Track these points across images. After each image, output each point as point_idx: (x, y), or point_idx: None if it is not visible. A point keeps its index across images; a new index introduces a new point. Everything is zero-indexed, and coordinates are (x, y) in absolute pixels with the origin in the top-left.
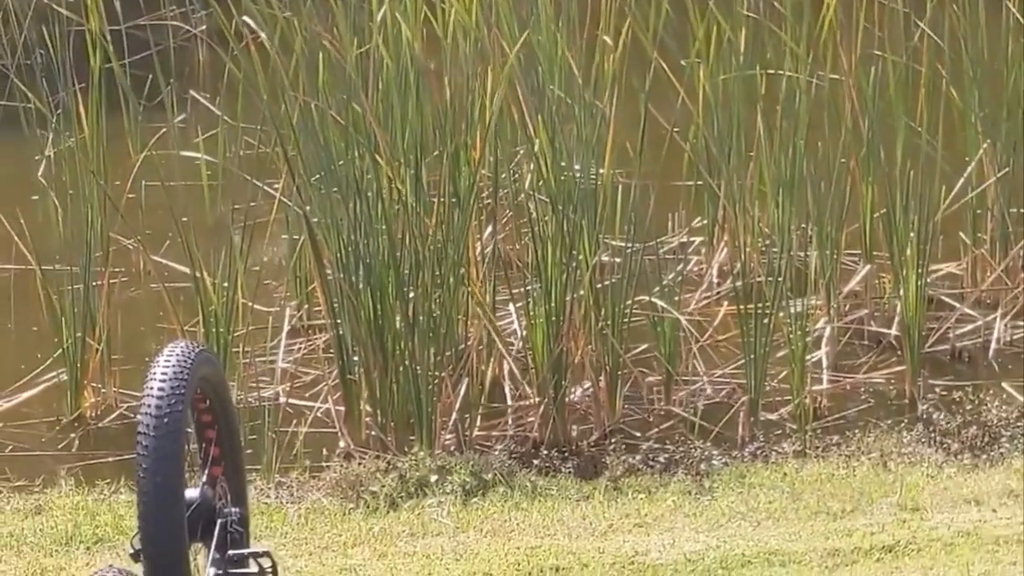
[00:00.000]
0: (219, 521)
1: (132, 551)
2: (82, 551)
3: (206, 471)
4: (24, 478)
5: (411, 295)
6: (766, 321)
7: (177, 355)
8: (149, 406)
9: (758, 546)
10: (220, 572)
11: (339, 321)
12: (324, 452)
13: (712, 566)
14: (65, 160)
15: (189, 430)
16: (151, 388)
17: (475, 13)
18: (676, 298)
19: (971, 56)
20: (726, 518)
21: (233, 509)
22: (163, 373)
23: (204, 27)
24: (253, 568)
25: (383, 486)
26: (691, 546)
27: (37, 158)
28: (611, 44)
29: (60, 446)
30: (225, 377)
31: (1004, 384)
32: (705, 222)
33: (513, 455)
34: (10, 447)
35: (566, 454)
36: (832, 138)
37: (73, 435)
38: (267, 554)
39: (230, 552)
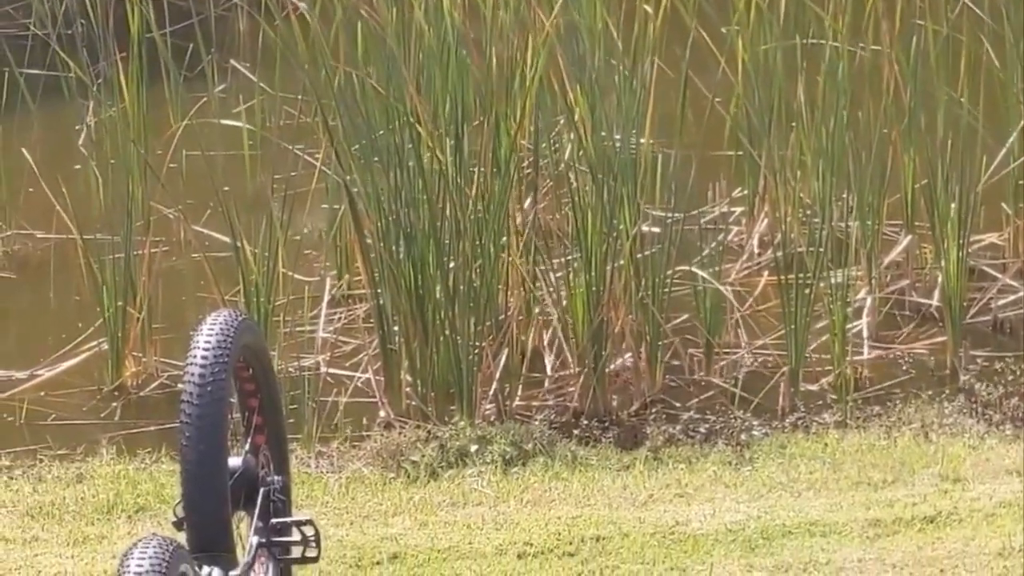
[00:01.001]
0: (262, 490)
1: (175, 519)
2: (123, 520)
3: (249, 440)
4: (65, 447)
5: (451, 265)
6: (807, 291)
7: (220, 324)
8: (192, 374)
9: (799, 516)
10: (263, 540)
11: (379, 291)
12: (364, 422)
13: (753, 536)
14: (106, 129)
15: (232, 399)
16: (194, 356)
17: None
18: (717, 268)
19: (1012, 26)
20: (766, 488)
21: (276, 478)
22: (206, 341)
23: None
24: (296, 537)
25: (423, 456)
26: (731, 516)
27: (78, 127)
28: (651, 13)
29: (101, 415)
30: (267, 346)
31: None
32: (746, 192)
33: (553, 425)
34: (52, 416)
35: (606, 424)
36: (873, 109)
37: (114, 404)
38: (310, 522)
39: (273, 520)
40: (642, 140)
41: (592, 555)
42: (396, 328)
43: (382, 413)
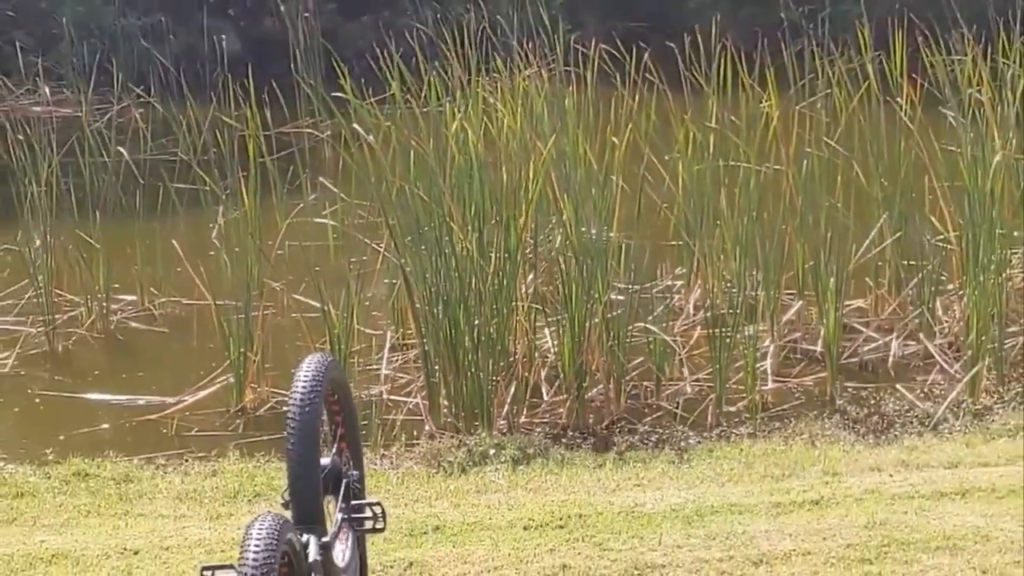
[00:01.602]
0: (344, 480)
1: (283, 502)
2: (245, 503)
3: (335, 444)
4: (203, 451)
5: (476, 322)
6: (728, 341)
7: (314, 363)
8: (295, 399)
9: (723, 500)
10: (345, 517)
11: (425, 340)
12: (414, 433)
13: (690, 514)
14: (231, 227)
15: (323, 416)
16: (296, 386)
17: (520, 121)
18: (664, 324)
19: (873, 152)
20: (699, 480)
21: (353, 472)
22: (304, 375)
23: (329, 132)
24: (368, 514)
25: (456, 457)
26: (675, 499)
27: (212, 225)
28: (617, 143)
29: (229, 429)
30: (347, 379)
31: (898, 386)
32: (684, 270)
33: (548, 436)
34: (195, 429)
35: (585, 435)
36: (774, 211)
37: (238, 421)
38: (378, 504)
39: (352, 502)
40: (611, 233)
41: (576, 527)
42: (437, 367)
43: (427, 427)
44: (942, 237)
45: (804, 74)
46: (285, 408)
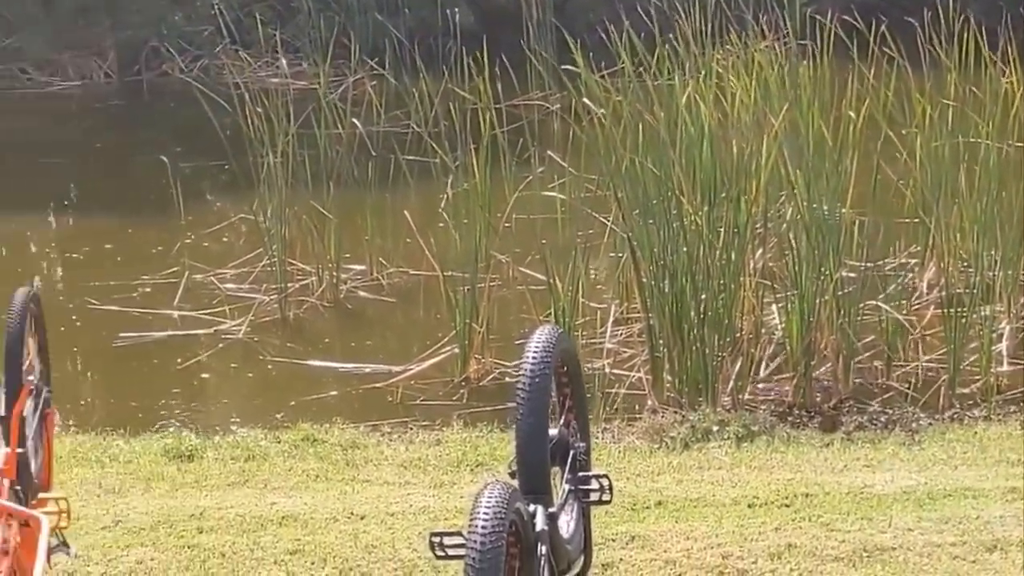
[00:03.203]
0: (571, 452)
1: (510, 471)
2: (467, 472)
3: (562, 416)
4: (428, 420)
5: (702, 296)
6: (963, 321)
7: (545, 335)
8: (526, 370)
9: (956, 483)
10: (571, 488)
11: (650, 315)
12: (636, 407)
13: (922, 497)
14: (460, 199)
15: (552, 387)
16: (527, 357)
17: (753, 94)
18: (896, 303)
19: None
20: (931, 463)
21: (580, 444)
22: (535, 347)
23: (558, 106)
24: (595, 486)
25: (679, 433)
26: (905, 482)
27: (441, 197)
28: (854, 117)
29: (453, 399)
30: (576, 351)
31: None
32: (919, 248)
33: (773, 413)
34: (420, 398)
35: (812, 414)
36: (1016, 190)
37: (462, 391)
38: (605, 476)
39: (579, 474)
40: (844, 209)
41: (803, 506)
42: (661, 341)
43: (649, 402)
44: None
45: None
46: (514, 378)
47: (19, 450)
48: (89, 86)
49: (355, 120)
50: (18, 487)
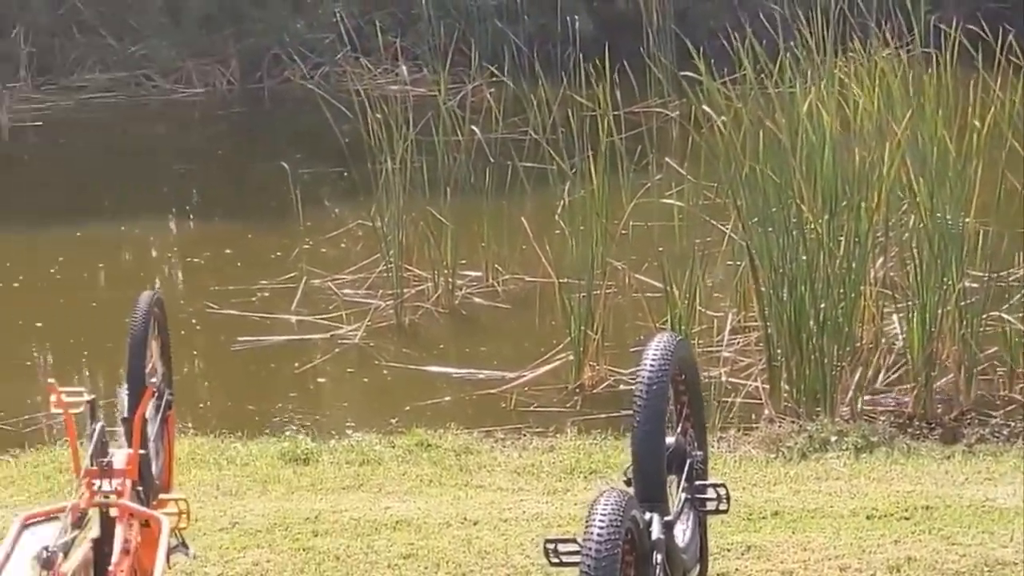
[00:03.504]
0: (688, 460)
1: (625, 479)
2: (581, 479)
3: (679, 424)
4: (541, 426)
5: (822, 305)
6: None
7: (663, 342)
8: (644, 377)
9: None
10: (688, 497)
11: (768, 323)
12: (752, 416)
13: None
14: (577, 206)
15: (670, 395)
16: (644, 364)
17: (876, 102)
18: (1020, 314)
19: None
20: None
21: (697, 452)
22: (653, 354)
23: (677, 113)
24: (711, 495)
25: (796, 443)
26: None
27: (558, 204)
28: (978, 126)
29: (567, 405)
30: (695, 359)
31: None
32: None
33: (893, 424)
34: (534, 404)
35: (932, 425)
36: None
37: (576, 398)
38: (723, 485)
39: (695, 482)
40: (967, 219)
41: (923, 519)
42: (779, 350)
43: (766, 411)
44: None
45: None
46: (630, 385)
47: (141, 451)
48: (212, 93)
49: (473, 127)
50: (139, 488)
